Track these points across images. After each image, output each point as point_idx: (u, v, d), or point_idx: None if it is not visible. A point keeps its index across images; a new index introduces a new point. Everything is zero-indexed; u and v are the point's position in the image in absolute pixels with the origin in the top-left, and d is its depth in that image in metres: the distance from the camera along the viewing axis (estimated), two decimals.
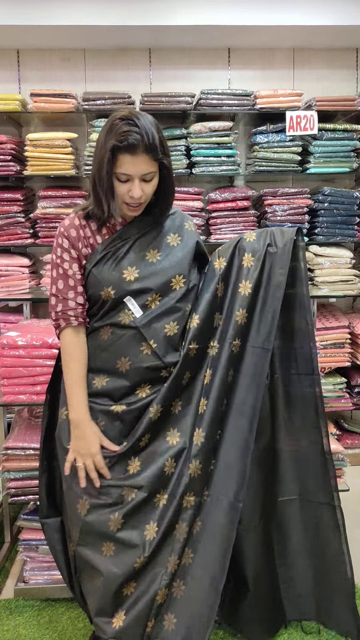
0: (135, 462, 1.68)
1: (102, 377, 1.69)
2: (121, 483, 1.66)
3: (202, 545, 1.68)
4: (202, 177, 3.59)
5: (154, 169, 1.58)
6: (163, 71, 3.72)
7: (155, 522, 1.66)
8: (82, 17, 3.26)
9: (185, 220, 1.79)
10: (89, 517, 1.65)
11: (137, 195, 1.57)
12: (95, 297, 1.67)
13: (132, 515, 1.65)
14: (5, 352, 2.25)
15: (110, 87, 3.64)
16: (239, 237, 1.83)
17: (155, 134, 1.54)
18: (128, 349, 1.67)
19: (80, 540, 1.67)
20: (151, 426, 1.68)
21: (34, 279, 3.47)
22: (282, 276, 1.75)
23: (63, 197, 3.40)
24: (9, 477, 2.27)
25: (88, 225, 1.68)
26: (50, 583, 2.30)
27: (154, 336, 1.67)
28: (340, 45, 3.73)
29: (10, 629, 2.12)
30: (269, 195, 3.48)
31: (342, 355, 3.44)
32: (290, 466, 1.98)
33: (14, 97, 3.31)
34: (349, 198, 3.49)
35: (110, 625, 1.63)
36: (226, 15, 3.31)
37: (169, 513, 1.67)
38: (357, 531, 2.76)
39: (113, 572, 1.63)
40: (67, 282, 1.67)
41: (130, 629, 1.62)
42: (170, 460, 1.69)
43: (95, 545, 1.65)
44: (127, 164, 1.54)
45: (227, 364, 1.74)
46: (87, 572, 1.69)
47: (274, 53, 3.76)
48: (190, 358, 1.72)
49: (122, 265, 1.66)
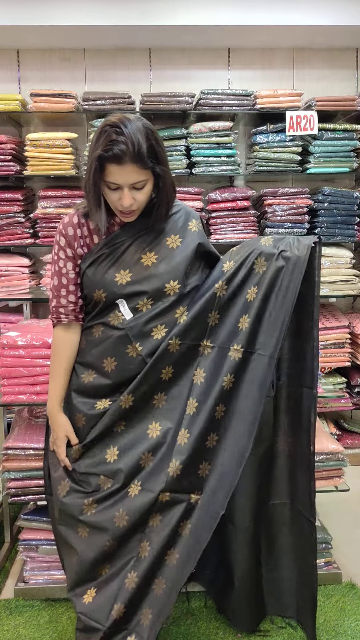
0: (114, 450, 1.71)
1: (90, 373, 1.73)
2: (98, 470, 1.71)
3: (188, 549, 1.68)
4: (202, 177, 3.59)
5: (144, 177, 1.55)
6: (163, 71, 3.72)
7: (125, 511, 1.68)
8: (82, 17, 3.26)
9: (190, 220, 1.74)
10: (66, 499, 1.73)
11: (126, 204, 1.56)
12: (90, 297, 1.70)
13: (104, 501, 1.70)
14: (5, 352, 2.25)
15: (110, 87, 3.64)
16: (256, 241, 1.78)
17: (142, 142, 1.49)
18: (115, 349, 1.68)
19: (59, 520, 1.75)
20: (122, 413, 1.70)
21: (34, 279, 3.48)
22: (295, 285, 1.67)
23: (63, 197, 3.40)
24: (9, 477, 2.27)
25: (86, 224, 1.67)
26: (50, 583, 2.30)
27: (140, 339, 1.67)
28: (340, 45, 3.73)
29: (10, 629, 2.12)
30: (269, 195, 3.48)
31: (342, 355, 3.45)
32: (284, 470, 1.99)
33: (14, 97, 3.31)
34: (349, 198, 3.49)
35: (81, 600, 1.70)
36: (226, 15, 3.31)
37: (140, 504, 1.68)
38: (357, 531, 2.77)
39: (85, 552, 1.70)
40: (60, 280, 1.70)
41: (96, 607, 1.68)
42: (147, 454, 1.70)
43: (71, 526, 1.73)
44: (114, 173, 1.52)
45: (226, 369, 1.71)
46: (65, 549, 1.77)
47: (274, 53, 3.76)
48: (170, 353, 1.69)
49: (115, 268, 1.65)
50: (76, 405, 1.75)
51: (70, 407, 1.77)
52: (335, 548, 2.46)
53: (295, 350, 1.89)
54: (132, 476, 1.70)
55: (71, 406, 1.76)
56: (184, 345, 1.71)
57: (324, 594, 2.28)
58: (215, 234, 3.46)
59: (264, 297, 1.70)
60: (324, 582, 2.34)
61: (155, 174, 1.58)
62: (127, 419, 1.72)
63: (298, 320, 1.82)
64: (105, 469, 1.71)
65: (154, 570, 1.69)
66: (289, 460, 1.98)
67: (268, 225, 3.45)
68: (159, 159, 1.56)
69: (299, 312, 1.78)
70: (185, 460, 1.68)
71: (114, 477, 1.70)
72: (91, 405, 1.73)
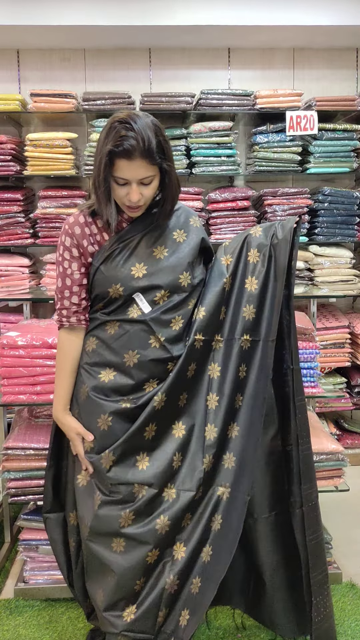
0: (144, 457, 1.69)
1: (109, 371, 1.69)
2: (131, 480, 1.66)
3: (221, 542, 1.69)
4: (202, 177, 3.59)
5: (152, 173, 1.57)
6: (163, 71, 3.72)
7: (167, 516, 1.67)
8: (82, 17, 3.26)
9: (190, 216, 1.78)
10: (100, 512, 1.66)
11: (134, 199, 1.57)
12: (103, 294, 1.67)
13: (142, 511, 1.66)
14: (5, 352, 2.25)
15: (110, 87, 3.64)
16: (246, 233, 1.82)
17: (152, 138, 1.51)
18: (136, 342, 1.66)
19: (90, 536, 1.68)
20: (155, 415, 1.67)
21: (34, 279, 3.48)
22: (283, 266, 1.73)
23: (63, 197, 3.40)
24: (9, 477, 2.27)
25: (94, 223, 1.67)
26: (50, 583, 2.30)
27: (162, 329, 1.67)
28: (340, 45, 3.73)
29: (10, 629, 2.12)
30: (269, 195, 3.48)
31: (342, 355, 3.45)
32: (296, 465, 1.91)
33: (14, 97, 3.31)
34: (349, 198, 3.49)
35: (122, 619, 1.64)
36: (226, 15, 3.31)
37: (178, 506, 1.68)
38: (357, 531, 2.76)
39: (124, 567, 1.65)
40: (64, 281, 1.68)
41: (141, 621, 1.65)
42: (177, 455, 1.70)
43: (105, 541, 1.67)
44: (123, 168, 1.53)
45: (239, 359, 1.75)
46: (96, 567, 1.69)
47: (274, 53, 3.76)
48: (195, 349, 1.72)
49: (131, 262, 1.65)
50: (99, 405, 1.67)
51: (91, 409, 1.69)
52: (335, 548, 2.46)
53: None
54: (166, 480, 1.69)
55: (93, 408, 1.68)
56: (205, 342, 1.74)
57: None
58: (215, 234, 3.46)
59: (263, 286, 1.76)
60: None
61: (163, 169, 1.60)
62: (158, 421, 1.69)
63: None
64: (138, 476, 1.67)
65: (191, 570, 1.69)
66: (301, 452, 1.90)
67: None
68: (167, 155, 1.58)
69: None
70: (215, 454, 1.72)
71: (149, 484, 1.67)
72: (116, 405, 1.67)
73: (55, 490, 1.87)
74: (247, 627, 2.09)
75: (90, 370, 1.70)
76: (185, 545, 1.70)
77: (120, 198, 1.60)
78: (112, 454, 1.66)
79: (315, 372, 2.29)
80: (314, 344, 2.29)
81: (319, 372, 2.31)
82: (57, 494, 1.87)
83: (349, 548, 2.60)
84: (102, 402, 1.67)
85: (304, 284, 3.46)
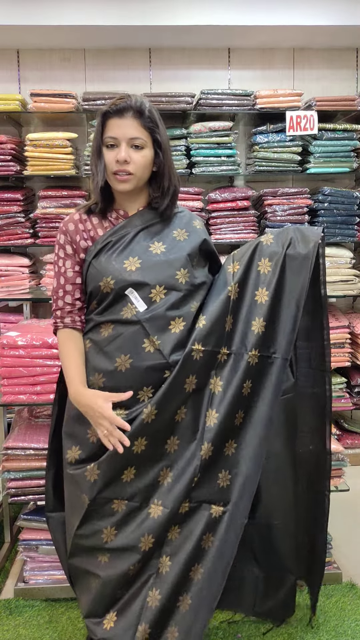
0: (131, 471, 1.62)
1: (98, 377, 1.61)
2: (110, 494, 1.61)
3: (215, 564, 1.64)
4: (202, 177, 3.59)
5: (143, 136, 1.57)
6: (163, 71, 3.72)
7: (151, 534, 1.62)
8: (82, 17, 3.26)
9: (194, 219, 1.75)
10: (81, 531, 1.64)
11: (122, 157, 1.55)
12: (95, 290, 1.61)
13: (124, 525, 1.62)
14: (5, 352, 2.25)
15: (110, 87, 3.64)
16: (257, 240, 1.75)
17: (146, 104, 1.57)
18: (129, 346, 1.58)
19: (72, 553, 1.68)
20: (145, 429, 1.58)
21: (34, 279, 3.48)
22: (303, 285, 1.64)
23: (63, 197, 3.40)
24: (9, 477, 2.27)
25: (89, 220, 1.66)
26: (50, 583, 2.30)
27: (157, 332, 1.58)
28: (340, 45, 3.73)
29: (10, 629, 2.12)
30: (269, 195, 3.48)
31: (342, 355, 3.44)
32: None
33: (14, 97, 3.31)
34: (349, 198, 3.49)
35: (101, 626, 1.63)
36: (226, 16, 3.31)
37: (164, 522, 1.62)
38: (357, 531, 2.76)
39: (109, 575, 1.63)
40: (59, 281, 1.65)
41: (120, 630, 1.62)
42: (165, 470, 1.64)
43: (88, 556, 1.66)
44: (114, 127, 1.56)
45: (244, 375, 1.66)
46: (82, 577, 1.69)
47: (274, 53, 3.76)
48: (193, 360, 1.61)
49: (124, 256, 1.60)
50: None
51: (81, 419, 1.63)
52: (335, 548, 2.46)
53: (304, 347, 1.87)
54: (150, 495, 1.63)
55: (83, 418, 1.62)
56: (206, 353, 1.63)
57: (324, 594, 2.28)
58: (215, 234, 3.46)
59: (274, 298, 1.67)
60: (324, 582, 2.34)
61: (156, 141, 1.59)
62: (149, 435, 1.60)
63: (309, 317, 1.81)
64: (119, 491, 1.62)
65: (178, 587, 1.63)
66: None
67: (268, 225, 3.45)
68: (160, 129, 1.60)
69: (308, 310, 1.78)
70: (210, 471, 1.65)
71: (129, 499, 1.62)
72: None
73: (56, 491, 1.85)
74: (246, 625, 2.10)
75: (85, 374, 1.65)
76: (172, 559, 1.64)
77: (109, 164, 1.58)
78: (96, 467, 1.60)
79: None
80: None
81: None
82: (58, 493, 1.85)
83: (349, 548, 2.60)
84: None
85: None
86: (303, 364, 1.89)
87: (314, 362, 1.86)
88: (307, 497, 1.95)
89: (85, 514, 1.62)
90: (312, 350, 1.86)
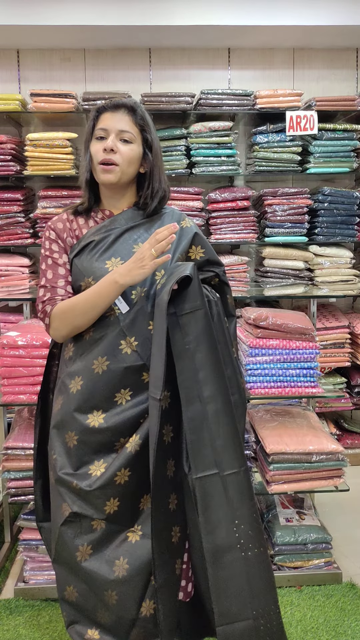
0: (113, 501, 1.55)
1: (77, 380, 1.57)
2: (94, 515, 1.56)
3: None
4: (202, 177, 3.59)
5: (132, 132, 1.59)
6: (163, 71, 3.72)
7: (126, 559, 1.55)
8: (82, 17, 3.26)
9: (183, 219, 1.69)
10: (58, 546, 1.60)
11: (109, 145, 1.56)
12: (77, 290, 1.59)
13: (100, 546, 1.56)
14: (5, 352, 2.25)
15: (110, 87, 3.64)
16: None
17: (140, 105, 1.62)
18: (107, 347, 1.55)
19: (56, 557, 1.63)
20: (129, 460, 1.54)
21: (34, 279, 3.47)
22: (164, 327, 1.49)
23: (63, 197, 3.40)
24: (9, 477, 2.27)
25: (75, 220, 1.67)
26: (50, 583, 2.30)
27: (135, 333, 1.56)
28: (340, 45, 3.73)
29: (10, 629, 2.12)
30: (269, 195, 3.48)
31: (342, 355, 3.45)
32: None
33: (14, 97, 3.31)
34: (349, 198, 3.49)
35: (84, 638, 1.59)
36: (226, 16, 3.31)
37: (142, 551, 1.55)
38: (357, 531, 2.77)
39: (86, 590, 1.57)
40: (56, 272, 1.62)
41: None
42: (145, 497, 1.59)
43: (67, 569, 1.61)
44: (106, 119, 1.59)
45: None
46: (61, 583, 1.64)
47: (274, 53, 3.76)
48: (164, 410, 1.52)
49: (106, 256, 1.59)
50: (66, 421, 1.58)
51: (63, 423, 1.59)
52: (335, 548, 2.46)
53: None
54: (132, 519, 1.58)
55: (63, 424, 1.59)
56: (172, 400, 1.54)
57: (324, 594, 2.28)
58: (215, 234, 3.46)
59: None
60: (324, 582, 2.34)
61: (145, 140, 1.61)
62: (132, 466, 1.55)
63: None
64: (100, 515, 1.55)
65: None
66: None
67: (268, 225, 3.46)
68: (150, 130, 1.62)
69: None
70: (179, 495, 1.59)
71: (111, 521, 1.56)
72: (84, 423, 1.56)
73: (45, 501, 1.80)
74: None
75: (65, 379, 1.61)
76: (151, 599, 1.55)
77: (95, 154, 1.59)
78: (77, 497, 1.56)
79: (315, 372, 2.29)
80: (314, 344, 2.29)
81: (319, 372, 2.31)
82: (47, 505, 1.77)
83: (349, 548, 2.60)
84: (69, 418, 1.58)
85: (304, 284, 3.46)
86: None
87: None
88: None
89: (65, 521, 1.57)
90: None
